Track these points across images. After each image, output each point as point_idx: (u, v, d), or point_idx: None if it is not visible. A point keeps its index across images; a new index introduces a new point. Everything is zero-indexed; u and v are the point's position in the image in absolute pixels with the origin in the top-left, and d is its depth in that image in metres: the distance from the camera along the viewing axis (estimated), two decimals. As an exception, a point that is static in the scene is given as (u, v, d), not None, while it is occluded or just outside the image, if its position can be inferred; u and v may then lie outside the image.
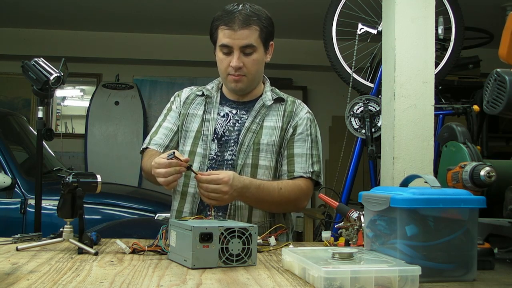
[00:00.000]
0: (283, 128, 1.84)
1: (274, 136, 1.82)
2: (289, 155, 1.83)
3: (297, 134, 1.85)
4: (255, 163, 1.79)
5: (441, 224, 1.16)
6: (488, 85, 1.33)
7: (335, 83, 4.17)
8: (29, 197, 3.19)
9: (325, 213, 3.87)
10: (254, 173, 1.78)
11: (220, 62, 1.80)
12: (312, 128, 1.87)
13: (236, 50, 1.75)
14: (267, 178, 1.80)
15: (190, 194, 1.81)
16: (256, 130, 1.82)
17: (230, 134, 1.82)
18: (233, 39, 1.74)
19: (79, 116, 6.44)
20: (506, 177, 1.43)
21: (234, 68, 1.76)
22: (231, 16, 1.75)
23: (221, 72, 1.82)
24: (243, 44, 1.74)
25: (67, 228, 1.45)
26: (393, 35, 2.58)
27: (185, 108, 1.90)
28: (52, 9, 5.17)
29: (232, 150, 1.80)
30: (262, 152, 1.80)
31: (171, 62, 6.16)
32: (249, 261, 1.25)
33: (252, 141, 1.80)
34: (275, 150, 1.82)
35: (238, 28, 1.73)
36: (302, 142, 1.84)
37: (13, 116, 3.87)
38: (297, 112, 1.88)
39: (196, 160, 1.80)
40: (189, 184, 1.81)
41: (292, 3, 4.82)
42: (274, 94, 1.89)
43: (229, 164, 1.79)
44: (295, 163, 1.81)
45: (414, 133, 2.52)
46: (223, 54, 1.78)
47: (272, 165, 1.81)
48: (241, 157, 1.78)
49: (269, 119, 1.84)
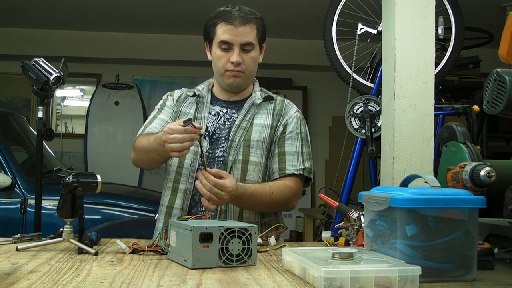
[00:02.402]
0: (273, 126, 1.87)
1: (264, 133, 1.85)
2: (280, 153, 1.85)
3: (287, 132, 1.87)
4: (246, 159, 1.81)
5: (441, 224, 1.16)
6: (488, 85, 1.33)
7: (335, 83, 4.17)
8: (29, 197, 3.19)
9: (325, 213, 3.87)
10: (244, 169, 1.80)
11: (218, 58, 1.81)
12: (302, 127, 1.91)
13: (236, 47, 1.78)
14: (258, 174, 1.82)
15: (181, 190, 1.82)
16: (246, 128, 1.84)
17: (221, 132, 1.84)
18: (234, 35, 1.77)
19: (79, 116, 6.44)
20: (506, 177, 1.43)
21: (234, 64, 1.78)
22: (231, 14, 1.78)
23: (218, 69, 1.83)
24: (244, 41, 1.78)
25: (67, 228, 1.45)
26: (393, 35, 2.58)
27: (178, 106, 1.92)
28: (52, 9, 5.16)
29: (223, 147, 1.82)
30: (252, 148, 1.82)
31: (171, 62, 6.16)
32: (249, 261, 1.25)
33: (242, 138, 1.82)
34: (265, 147, 1.84)
35: (239, 25, 1.77)
36: (292, 140, 1.87)
37: (13, 116, 3.87)
38: (286, 110, 1.91)
39: (188, 157, 1.81)
40: (180, 180, 1.82)
41: (292, 3, 4.82)
42: (264, 93, 1.92)
43: (220, 161, 1.81)
44: (286, 161, 1.84)
45: (414, 133, 2.52)
46: (221, 51, 1.79)
47: (262, 162, 1.83)
48: (232, 154, 1.80)
49: (259, 117, 1.87)
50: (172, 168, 1.86)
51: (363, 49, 3.30)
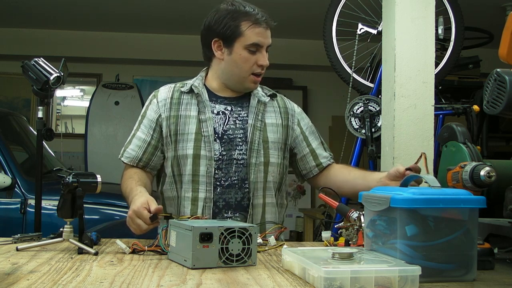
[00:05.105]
0: (283, 125, 1.87)
1: (278, 134, 1.85)
2: (311, 151, 1.91)
3: (304, 129, 1.92)
4: (267, 161, 1.80)
5: (441, 224, 1.16)
6: (488, 85, 1.33)
7: (335, 83, 4.17)
8: (29, 197, 3.19)
9: (325, 213, 3.88)
10: (266, 171, 1.80)
11: (245, 60, 1.75)
12: (307, 119, 1.98)
13: (263, 49, 1.77)
14: (277, 174, 1.84)
15: (201, 199, 1.75)
16: (261, 128, 1.82)
17: (234, 132, 1.79)
18: (265, 37, 1.76)
19: (79, 116, 6.44)
20: (506, 177, 1.43)
21: (264, 67, 1.78)
22: (256, 15, 1.75)
23: (243, 71, 1.77)
24: (269, 43, 1.79)
25: (67, 228, 1.45)
26: (393, 35, 2.58)
27: (174, 109, 1.81)
28: (52, 9, 5.16)
29: (241, 150, 1.78)
30: (271, 149, 1.82)
31: (171, 62, 6.16)
32: (249, 261, 1.25)
33: (261, 139, 1.80)
34: (281, 147, 1.85)
35: (267, 27, 1.77)
36: (311, 134, 1.94)
37: (13, 116, 3.87)
38: (290, 108, 1.93)
39: (202, 164, 1.75)
40: (199, 189, 1.75)
41: (292, 3, 4.82)
42: (267, 90, 1.91)
43: (240, 164, 1.77)
44: (319, 156, 1.91)
45: (414, 133, 2.52)
46: (249, 53, 1.75)
47: (279, 162, 1.84)
48: (253, 156, 1.78)
49: (269, 115, 1.86)
50: (186, 177, 1.77)
51: (363, 49, 3.30)
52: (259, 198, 1.79)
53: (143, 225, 1.50)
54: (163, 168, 1.86)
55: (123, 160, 1.86)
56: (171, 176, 1.81)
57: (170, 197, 1.84)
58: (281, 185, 1.88)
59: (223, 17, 1.76)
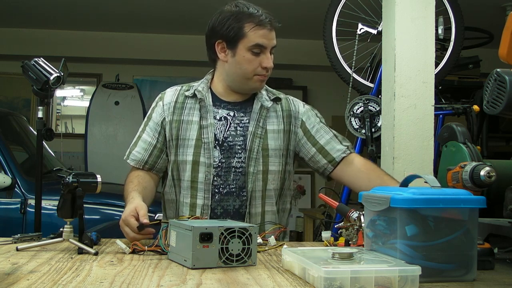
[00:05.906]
0: (285, 130, 1.83)
1: (279, 141, 1.81)
2: (319, 149, 1.83)
3: (310, 128, 1.85)
4: (266, 169, 1.78)
5: (441, 224, 1.16)
6: (488, 85, 1.33)
7: (335, 83, 4.17)
8: (29, 197, 3.19)
9: (325, 213, 3.88)
10: (265, 179, 1.78)
11: (249, 62, 1.73)
12: (318, 115, 1.90)
13: (267, 51, 1.75)
14: (277, 182, 1.80)
15: (199, 206, 1.75)
16: (261, 135, 1.79)
17: (234, 139, 1.78)
18: (268, 39, 1.74)
19: (79, 116, 6.44)
20: (506, 177, 1.43)
21: (268, 69, 1.75)
22: (260, 16, 1.73)
23: (246, 72, 1.75)
24: (274, 45, 1.77)
25: (67, 228, 1.45)
26: (393, 35, 2.58)
27: (177, 114, 1.80)
28: (51, 9, 5.16)
29: (240, 157, 1.77)
30: (271, 157, 1.79)
31: (171, 62, 6.16)
32: (249, 261, 1.25)
33: (260, 147, 1.77)
34: (282, 154, 1.81)
35: (271, 28, 1.74)
36: (319, 131, 1.85)
37: (13, 116, 3.87)
38: (294, 110, 1.87)
39: (201, 170, 1.75)
40: (197, 196, 1.75)
41: (292, 3, 4.82)
42: (271, 94, 1.87)
43: (239, 172, 1.76)
44: (329, 151, 1.83)
45: (414, 133, 2.52)
46: (252, 54, 1.73)
47: (280, 169, 1.81)
48: (252, 165, 1.76)
49: (270, 121, 1.82)
50: (185, 183, 1.77)
51: (363, 49, 3.30)
52: (257, 207, 1.77)
53: (130, 233, 1.50)
54: (166, 169, 1.86)
55: (129, 162, 1.85)
56: (171, 179, 1.82)
57: (169, 200, 1.84)
58: (283, 191, 1.86)
59: (227, 19, 1.73)
